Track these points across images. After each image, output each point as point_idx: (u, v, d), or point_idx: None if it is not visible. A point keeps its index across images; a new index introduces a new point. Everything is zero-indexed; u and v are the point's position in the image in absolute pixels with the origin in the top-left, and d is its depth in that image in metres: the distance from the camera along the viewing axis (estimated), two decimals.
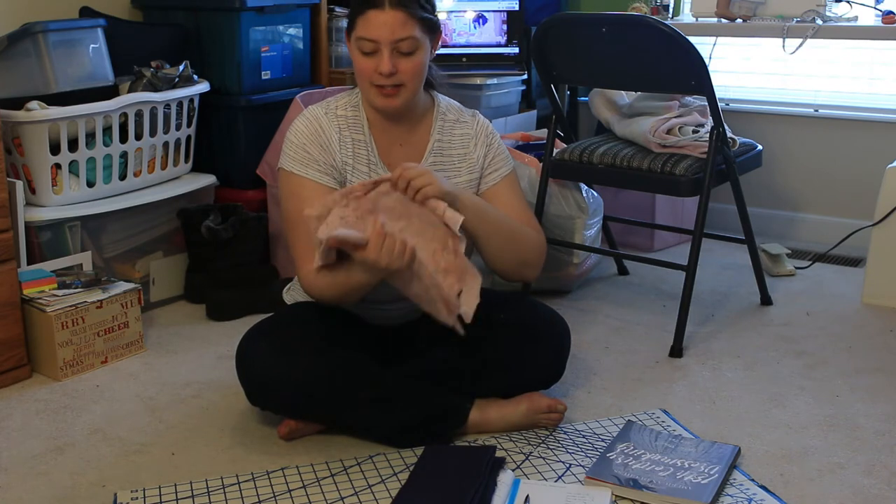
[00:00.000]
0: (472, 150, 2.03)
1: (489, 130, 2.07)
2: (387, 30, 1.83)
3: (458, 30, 3.22)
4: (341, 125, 1.96)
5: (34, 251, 2.44)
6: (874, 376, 2.30)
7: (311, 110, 1.98)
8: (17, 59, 2.49)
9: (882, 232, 2.76)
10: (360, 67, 1.89)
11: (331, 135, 1.94)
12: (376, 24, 1.83)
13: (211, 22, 2.89)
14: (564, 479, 1.81)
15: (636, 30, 2.42)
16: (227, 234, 2.68)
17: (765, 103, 3.49)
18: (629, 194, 3.16)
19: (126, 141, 2.61)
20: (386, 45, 1.84)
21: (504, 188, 2.04)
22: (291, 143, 1.95)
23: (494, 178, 2.04)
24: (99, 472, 1.85)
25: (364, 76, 1.89)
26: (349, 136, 1.96)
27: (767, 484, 1.80)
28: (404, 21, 1.83)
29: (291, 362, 1.86)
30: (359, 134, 1.97)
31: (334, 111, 1.98)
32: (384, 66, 1.84)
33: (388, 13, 1.83)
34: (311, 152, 1.93)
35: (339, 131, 1.95)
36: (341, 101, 2.00)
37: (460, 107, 2.10)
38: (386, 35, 1.83)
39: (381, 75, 1.86)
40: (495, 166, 2.04)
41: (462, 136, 2.04)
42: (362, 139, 1.97)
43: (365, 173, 1.95)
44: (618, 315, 2.72)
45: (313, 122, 1.95)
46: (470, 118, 2.07)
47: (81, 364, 2.31)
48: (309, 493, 1.76)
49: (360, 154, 1.96)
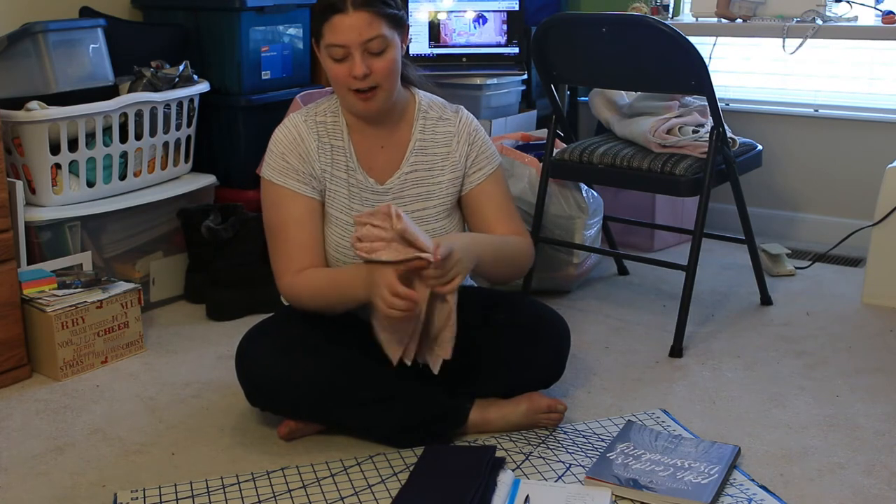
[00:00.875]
0: (454, 149, 2.01)
1: (472, 127, 2.04)
2: (354, 33, 1.82)
3: (458, 30, 3.22)
4: (320, 132, 1.96)
5: (34, 251, 2.44)
6: (874, 376, 2.30)
7: (291, 118, 1.98)
8: (17, 59, 2.49)
9: (882, 232, 2.76)
10: (333, 74, 1.88)
11: (309, 143, 1.94)
12: (342, 29, 1.82)
13: (211, 22, 2.89)
14: (564, 479, 1.81)
15: (636, 30, 2.42)
16: (227, 234, 2.68)
17: (765, 103, 3.49)
18: (629, 194, 3.15)
19: (126, 141, 2.61)
20: (356, 47, 1.83)
21: (489, 187, 2.03)
22: (272, 152, 1.96)
23: (479, 177, 2.02)
24: (99, 472, 1.85)
25: (339, 82, 1.88)
26: (328, 142, 1.96)
27: (767, 484, 1.80)
28: (370, 21, 1.82)
29: (291, 362, 1.86)
30: (338, 140, 1.96)
31: (314, 117, 1.97)
32: (357, 69, 1.83)
33: (352, 16, 1.81)
34: (290, 162, 1.93)
35: (318, 138, 1.95)
36: (321, 107, 1.99)
37: (443, 103, 2.07)
38: (354, 38, 1.82)
39: (356, 79, 1.84)
40: (479, 165, 2.02)
41: (445, 134, 2.02)
42: (341, 145, 1.96)
43: (343, 179, 1.95)
44: (618, 315, 2.72)
45: (292, 131, 1.95)
46: (453, 115, 2.04)
47: (81, 364, 2.31)
48: (309, 493, 1.76)
49: (338, 160, 1.95)
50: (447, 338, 1.82)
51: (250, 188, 2.96)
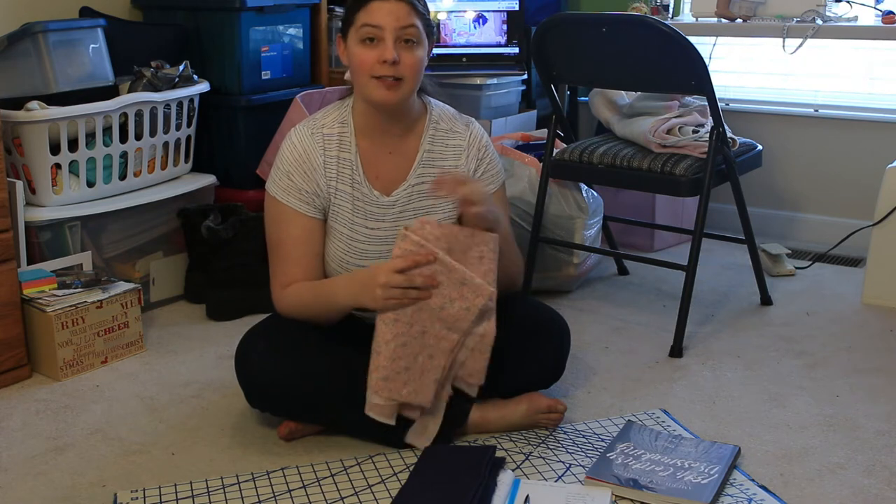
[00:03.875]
0: (462, 163, 2.00)
1: (482, 143, 2.02)
2: (392, 17, 1.82)
3: (458, 30, 3.22)
4: (327, 145, 1.93)
5: (34, 251, 2.44)
6: (874, 376, 2.30)
7: (298, 132, 1.95)
8: (17, 59, 2.49)
9: (882, 232, 2.76)
10: (360, 59, 1.85)
11: (315, 159, 1.92)
12: (381, 12, 1.82)
13: (211, 22, 2.89)
14: (564, 479, 1.81)
15: (636, 30, 2.42)
16: (227, 234, 2.68)
17: (765, 103, 3.49)
18: (629, 194, 3.16)
19: (126, 141, 2.61)
20: (390, 31, 1.82)
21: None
22: (278, 168, 1.95)
23: None
24: (99, 472, 1.85)
25: (364, 68, 1.86)
26: (335, 155, 1.94)
27: (767, 484, 1.80)
28: (408, 11, 1.84)
29: (291, 363, 1.86)
30: (345, 152, 1.94)
31: (321, 130, 1.94)
32: (388, 52, 1.82)
33: (392, 2, 1.83)
34: (294, 180, 1.92)
35: (325, 152, 1.93)
36: (329, 118, 1.97)
37: (455, 114, 2.05)
38: (391, 21, 1.82)
39: (385, 63, 1.83)
40: (485, 182, 2.00)
41: (454, 148, 2.00)
42: (348, 157, 1.94)
43: (348, 193, 1.94)
44: (618, 315, 2.72)
45: (298, 147, 1.93)
46: (463, 128, 2.02)
47: (81, 364, 2.31)
48: (309, 493, 1.76)
49: (343, 174, 1.94)
50: (479, 363, 1.87)
51: (250, 188, 2.97)
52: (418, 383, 1.81)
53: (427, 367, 1.81)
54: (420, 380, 1.81)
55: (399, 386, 1.79)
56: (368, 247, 1.94)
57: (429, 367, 1.81)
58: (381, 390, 1.79)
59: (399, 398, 1.80)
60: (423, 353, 1.81)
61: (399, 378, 1.79)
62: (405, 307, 1.78)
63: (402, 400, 1.81)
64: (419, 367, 1.81)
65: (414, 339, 1.80)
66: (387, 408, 1.81)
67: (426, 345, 1.81)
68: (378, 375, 1.79)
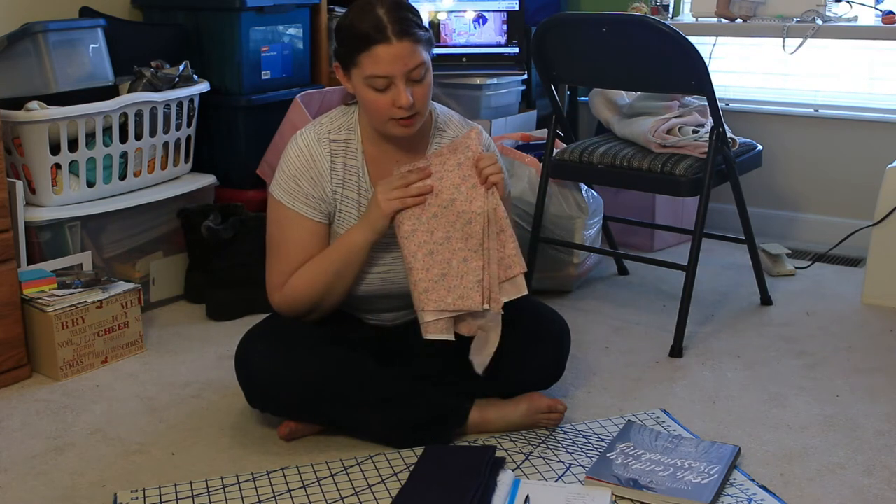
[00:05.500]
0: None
1: (487, 149, 2.00)
2: (399, 63, 1.77)
3: (458, 30, 3.22)
4: (334, 151, 1.92)
5: (34, 251, 2.44)
6: (874, 376, 2.30)
7: (303, 136, 1.93)
8: (17, 59, 2.49)
9: (882, 232, 2.76)
10: (375, 106, 1.82)
11: (322, 164, 1.91)
12: (388, 60, 1.77)
13: (211, 22, 2.89)
14: (564, 479, 1.81)
15: (636, 30, 2.42)
16: (227, 234, 2.68)
17: (765, 103, 3.49)
18: (629, 194, 3.15)
19: (126, 141, 2.61)
20: (400, 77, 1.78)
21: None
22: (283, 172, 1.92)
23: None
24: (99, 472, 1.85)
25: (381, 113, 1.82)
26: (342, 161, 1.92)
27: (767, 484, 1.80)
28: (412, 50, 1.78)
29: (291, 363, 1.86)
30: (352, 159, 1.93)
31: (328, 135, 1.92)
32: (403, 98, 1.78)
33: (396, 46, 1.76)
34: (301, 185, 1.90)
35: (332, 158, 1.91)
36: (335, 124, 1.94)
37: (459, 119, 2.04)
38: (399, 68, 1.77)
39: (402, 108, 1.80)
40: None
41: None
42: (354, 164, 1.93)
43: (354, 199, 1.93)
44: (618, 315, 2.72)
45: (305, 152, 1.91)
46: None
47: (81, 364, 2.31)
48: (309, 493, 1.76)
49: (350, 180, 1.93)
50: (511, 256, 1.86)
51: (250, 188, 2.97)
52: (461, 289, 1.82)
53: (464, 270, 1.83)
54: (462, 284, 1.82)
55: (443, 294, 1.81)
56: (373, 254, 1.93)
57: (465, 270, 1.83)
58: (427, 303, 1.81)
59: (446, 307, 1.81)
60: (456, 258, 1.83)
61: (440, 287, 1.81)
62: (411, 206, 1.83)
63: (451, 308, 1.82)
64: (456, 272, 1.82)
65: (440, 246, 1.83)
66: (441, 322, 1.82)
67: (455, 249, 1.83)
68: (418, 290, 1.82)
